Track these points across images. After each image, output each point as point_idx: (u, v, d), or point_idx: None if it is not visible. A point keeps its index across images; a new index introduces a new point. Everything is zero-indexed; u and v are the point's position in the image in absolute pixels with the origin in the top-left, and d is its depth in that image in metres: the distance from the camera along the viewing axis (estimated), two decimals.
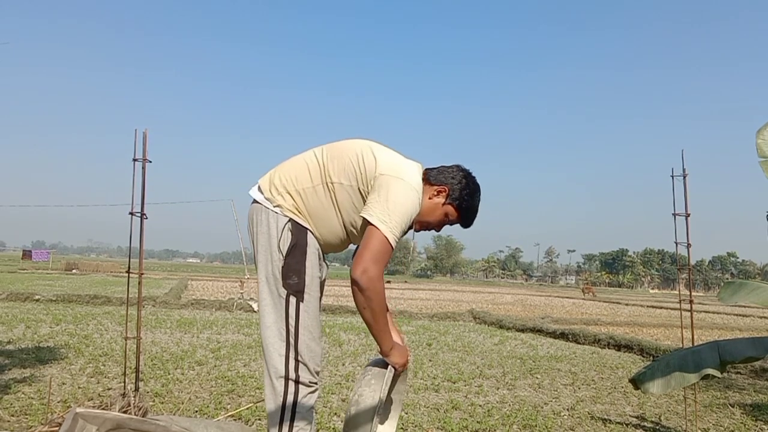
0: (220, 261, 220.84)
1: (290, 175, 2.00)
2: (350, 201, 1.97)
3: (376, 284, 1.80)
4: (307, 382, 1.91)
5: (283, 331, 1.91)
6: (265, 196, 1.99)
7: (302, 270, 1.92)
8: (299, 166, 2.02)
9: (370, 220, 1.83)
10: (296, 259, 1.92)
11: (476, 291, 34.11)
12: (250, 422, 3.36)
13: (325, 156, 2.01)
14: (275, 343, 1.92)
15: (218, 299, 13.08)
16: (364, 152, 1.98)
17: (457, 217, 2.09)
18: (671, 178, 3.48)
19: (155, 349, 5.85)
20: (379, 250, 1.80)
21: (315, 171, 1.99)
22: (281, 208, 1.96)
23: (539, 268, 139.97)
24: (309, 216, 1.97)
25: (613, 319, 13.93)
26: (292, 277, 1.91)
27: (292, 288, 1.92)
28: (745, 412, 4.27)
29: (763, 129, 2.37)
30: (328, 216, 1.98)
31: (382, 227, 1.81)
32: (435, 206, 2.05)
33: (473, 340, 8.26)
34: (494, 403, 4.21)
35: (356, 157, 1.96)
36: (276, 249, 1.94)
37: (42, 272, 28.99)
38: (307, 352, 1.92)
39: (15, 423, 3.13)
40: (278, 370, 1.90)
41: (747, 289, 2.35)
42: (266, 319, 1.94)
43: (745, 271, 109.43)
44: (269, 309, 1.94)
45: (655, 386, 2.27)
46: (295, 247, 1.92)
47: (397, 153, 2.07)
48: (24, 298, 11.38)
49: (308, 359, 1.92)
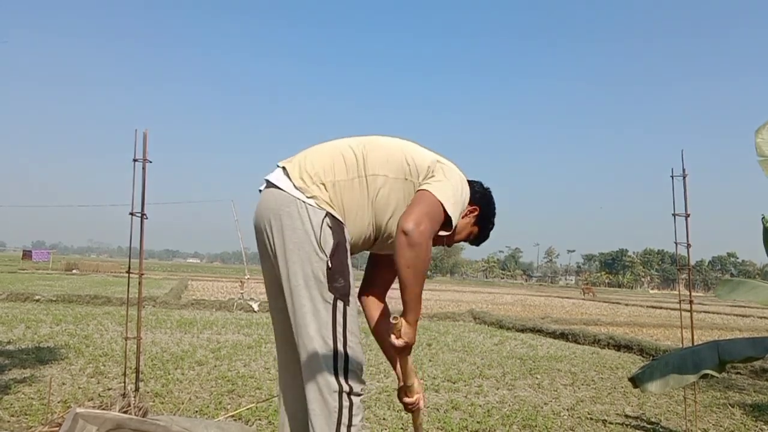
0: (220, 261, 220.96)
1: (324, 164, 1.77)
2: (394, 195, 1.80)
3: (428, 241, 1.63)
4: (360, 391, 1.75)
5: (330, 340, 1.70)
6: (295, 185, 1.73)
7: (346, 271, 1.74)
8: (334, 155, 1.80)
9: (430, 190, 1.70)
10: (340, 260, 1.72)
11: (476, 291, 34.11)
12: (250, 422, 3.36)
13: (363, 148, 1.83)
14: (324, 355, 1.70)
15: (218, 299, 13.07)
16: (409, 146, 1.89)
17: (476, 238, 2.09)
18: (671, 178, 3.49)
19: (155, 350, 5.85)
20: (435, 212, 1.68)
21: (351, 163, 1.78)
22: (316, 200, 1.72)
23: (539, 269, 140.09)
24: (343, 211, 1.76)
25: (613, 319, 13.93)
26: (339, 280, 1.72)
27: (338, 291, 1.72)
28: (745, 412, 4.27)
29: (761, 128, 2.38)
30: (360, 213, 1.78)
31: (441, 197, 1.69)
32: (466, 224, 2.00)
33: (473, 341, 8.26)
34: (494, 403, 4.22)
35: (401, 151, 1.84)
36: (317, 248, 1.70)
37: (42, 272, 28.97)
38: (356, 360, 1.75)
39: (15, 423, 3.13)
40: (331, 385, 1.70)
41: (745, 288, 2.36)
42: (308, 329, 1.71)
43: (745, 271, 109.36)
44: (310, 317, 1.71)
45: (654, 385, 2.28)
46: (338, 245, 1.72)
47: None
48: (24, 298, 11.37)
49: (358, 367, 1.76)
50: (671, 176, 3.48)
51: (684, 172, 3.46)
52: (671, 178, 3.48)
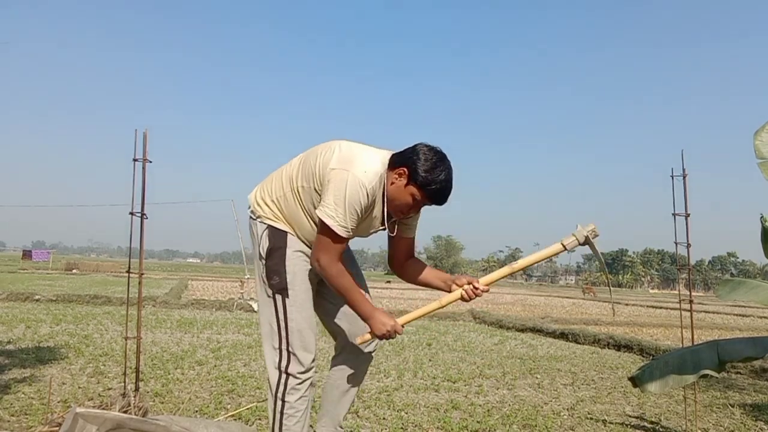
0: (220, 261, 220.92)
1: (271, 185, 2.17)
2: (311, 202, 2.06)
3: (328, 270, 2.01)
4: (295, 374, 2.09)
5: (275, 325, 2.11)
6: (250, 210, 2.20)
7: (282, 270, 2.09)
8: (278, 174, 2.18)
9: (320, 216, 1.96)
10: (275, 261, 2.10)
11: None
12: (250, 422, 3.36)
13: (300, 161, 2.14)
14: (268, 338, 2.14)
15: (218, 299, 13.08)
16: (326, 151, 2.04)
17: (423, 196, 2.00)
18: (671, 178, 3.49)
19: (155, 349, 5.85)
20: (327, 242, 1.98)
21: (287, 178, 2.13)
22: (261, 218, 2.14)
23: (539, 268, 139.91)
24: (288, 221, 2.12)
25: (613, 319, 13.93)
26: (274, 278, 2.10)
27: (275, 287, 2.10)
28: (745, 412, 4.27)
29: (760, 131, 2.38)
30: (300, 219, 2.10)
31: (329, 222, 1.94)
32: (399, 189, 2.01)
33: (473, 340, 8.26)
34: (494, 403, 4.21)
35: (316, 158, 2.04)
36: (259, 254, 2.14)
37: (42, 272, 28.99)
38: (298, 344, 2.10)
39: (15, 423, 3.13)
40: (274, 360, 2.11)
41: (746, 287, 2.36)
42: (261, 318, 2.18)
43: (745, 271, 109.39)
44: (263, 308, 2.17)
45: (653, 385, 2.28)
46: (272, 250, 2.10)
47: (364, 146, 2.10)
48: (24, 298, 11.37)
49: (299, 351, 2.09)
50: (671, 176, 3.48)
51: (684, 172, 3.46)
52: (671, 178, 3.48)
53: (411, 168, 1.97)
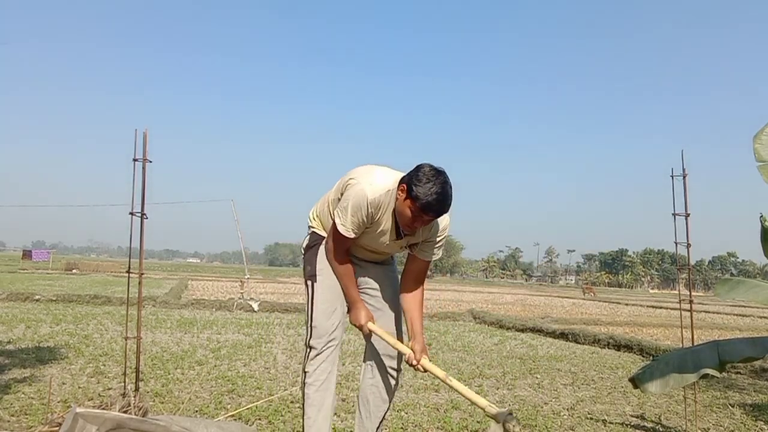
0: (220, 261, 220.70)
1: (317, 205, 2.68)
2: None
3: (330, 254, 2.49)
4: (315, 345, 2.47)
5: (307, 306, 2.57)
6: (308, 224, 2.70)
7: (314, 261, 2.56)
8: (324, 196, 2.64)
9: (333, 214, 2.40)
10: (309, 255, 2.60)
11: (476, 291, 34.11)
12: (250, 422, 3.36)
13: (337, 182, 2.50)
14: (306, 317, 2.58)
15: (218, 299, 13.08)
16: (352, 171, 2.39)
17: (417, 208, 2.20)
18: (671, 178, 3.49)
19: (155, 349, 5.85)
20: (334, 236, 2.42)
21: (326, 197, 2.58)
22: (309, 228, 2.68)
23: (539, 268, 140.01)
24: (325, 229, 2.57)
25: (613, 319, 13.92)
26: (307, 267, 2.59)
27: (307, 274, 2.58)
28: (745, 412, 4.27)
29: (759, 133, 2.37)
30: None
31: (336, 220, 2.35)
32: (401, 204, 2.25)
33: (473, 340, 8.27)
34: (494, 402, 4.21)
35: (345, 176, 2.42)
36: (302, 253, 2.69)
37: (42, 272, 29.00)
38: (319, 320, 2.48)
39: (15, 423, 3.14)
40: (305, 338, 2.53)
41: (745, 287, 2.36)
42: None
43: (745, 271, 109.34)
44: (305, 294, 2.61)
45: (654, 385, 2.27)
46: (309, 246, 2.63)
47: (384, 168, 2.42)
48: (24, 298, 11.37)
49: (319, 325, 2.48)
50: (671, 176, 3.48)
51: (684, 171, 3.46)
52: (671, 178, 3.48)
53: (409, 184, 2.20)
